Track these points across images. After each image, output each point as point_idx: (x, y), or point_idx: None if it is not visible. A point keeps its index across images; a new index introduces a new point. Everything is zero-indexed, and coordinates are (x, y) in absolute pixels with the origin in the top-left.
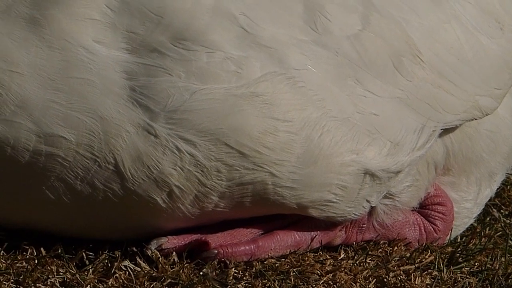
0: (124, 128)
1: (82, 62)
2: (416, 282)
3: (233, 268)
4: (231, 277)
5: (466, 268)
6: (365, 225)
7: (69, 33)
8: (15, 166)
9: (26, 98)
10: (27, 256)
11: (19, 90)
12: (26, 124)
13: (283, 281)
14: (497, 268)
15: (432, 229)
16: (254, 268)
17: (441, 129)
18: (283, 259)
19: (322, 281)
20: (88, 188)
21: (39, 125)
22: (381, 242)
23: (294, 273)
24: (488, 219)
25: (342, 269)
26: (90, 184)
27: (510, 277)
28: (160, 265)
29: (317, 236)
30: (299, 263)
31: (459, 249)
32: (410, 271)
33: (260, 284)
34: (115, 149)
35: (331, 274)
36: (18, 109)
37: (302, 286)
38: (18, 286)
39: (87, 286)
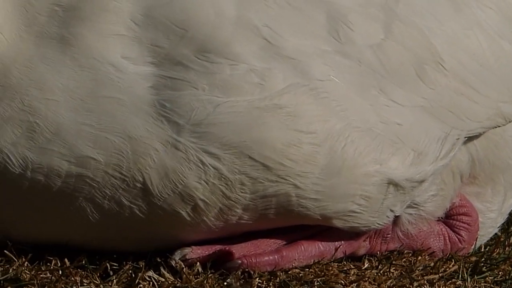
0: (153, 147)
1: (111, 80)
2: None
3: (257, 278)
4: (255, 287)
5: (490, 278)
6: (389, 235)
7: (97, 51)
8: (46, 191)
9: (61, 124)
10: (51, 267)
11: (55, 117)
12: (60, 150)
13: None
14: None
15: (457, 239)
16: (278, 278)
17: (465, 137)
18: (307, 269)
19: None
20: (115, 206)
21: (72, 150)
22: (405, 251)
23: (318, 283)
24: None
25: (366, 278)
26: (117, 202)
27: None
28: (184, 275)
29: (341, 246)
30: (323, 273)
31: (483, 259)
32: (434, 281)
33: None
34: (144, 168)
35: (355, 284)
36: (53, 136)
37: None
38: None
39: None
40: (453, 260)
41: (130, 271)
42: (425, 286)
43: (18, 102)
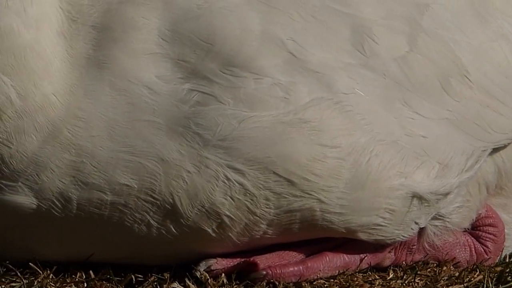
0: (185, 169)
1: (145, 103)
2: None
3: None
4: None
5: None
6: (415, 246)
7: (131, 73)
8: (78, 218)
9: (102, 157)
10: (76, 279)
11: (98, 151)
12: (99, 182)
13: None
14: None
15: (482, 250)
16: None
17: (491, 149)
18: (332, 280)
19: None
20: (144, 227)
21: (109, 180)
22: (430, 262)
23: None
24: None
25: None
26: (146, 224)
27: None
28: (209, 286)
29: (366, 258)
30: (348, 284)
31: (508, 269)
32: None
33: None
34: (175, 190)
35: None
36: (95, 170)
37: None
38: None
39: None
40: (478, 270)
41: (155, 283)
42: None
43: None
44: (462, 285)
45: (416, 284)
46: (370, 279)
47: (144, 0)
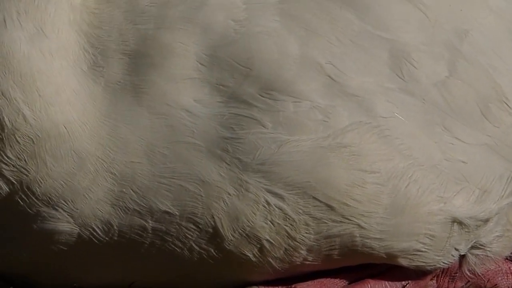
0: (226, 190)
1: (185, 126)
2: None
3: None
4: None
5: None
6: (456, 274)
7: (170, 97)
8: (119, 246)
9: (143, 184)
10: None
11: (141, 179)
12: (140, 209)
13: None
14: None
15: None
16: None
17: None
18: None
19: None
20: (186, 252)
21: (151, 206)
22: None
23: None
24: None
25: None
26: (188, 249)
27: None
28: None
29: (408, 285)
30: None
31: None
32: None
33: None
34: (217, 212)
35: None
36: (136, 197)
37: None
38: None
39: None
40: None
41: None
42: None
43: (99, 170)
44: None
45: None
46: None
47: (181, 25)
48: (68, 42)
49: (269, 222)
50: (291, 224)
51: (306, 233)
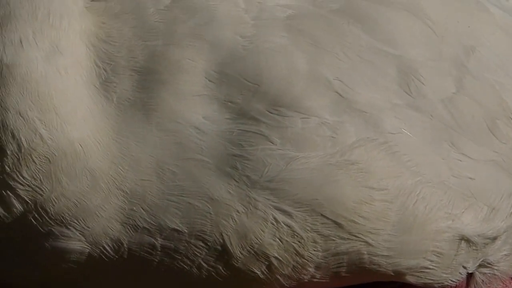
0: (234, 208)
1: (194, 143)
2: None
3: None
4: None
5: None
6: None
7: (179, 114)
8: (131, 265)
9: (155, 202)
10: None
11: (150, 197)
12: (149, 227)
13: None
14: None
15: None
16: None
17: None
18: None
19: None
20: (194, 270)
21: (160, 224)
22: None
23: None
24: None
25: None
26: (197, 267)
27: None
28: None
29: None
30: None
31: None
32: None
33: None
34: (225, 230)
35: None
36: (144, 213)
37: None
38: None
39: None
40: None
41: None
42: None
43: (111, 188)
44: None
45: None
46: None
47: (189, 41)
48: (81, 56)
49: (277, 240)
50: (299, 242)
51: (314, 250)
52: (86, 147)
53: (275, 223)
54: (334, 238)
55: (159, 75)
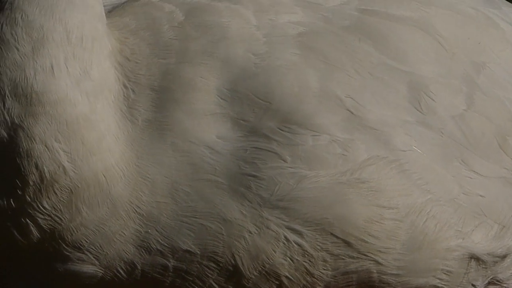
0: (247, 229)
1: (207, 163)
2: None
3: None
4: None
5: None
6: None
7: (193, 133)
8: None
9: (169, 224)
10: None
11: (165, 219)
12: (163, 249)
13: None
14: None
15: None
16: None
17: None
18: None
19: None
20: None
21: (173, 246)
22: None
23: None
24: None
25: None
26: (208, 287)
27: None
28: None
29: None
30: None
31: None
32: None
33: None
34: (237, 251)
35: None
36: (158, 235)
37: None
38: None
39: None
40: None
41: None
42: None
43: (130, 212)
44: None
45: None
46: None
47: (202, 59)
48: (110, 79)
49: (288, 259)
50: (309, 260)
51: (324, 269)
52: (109, 177)
53: (286, 243)
54: (344, 257)
55: (172, 94)
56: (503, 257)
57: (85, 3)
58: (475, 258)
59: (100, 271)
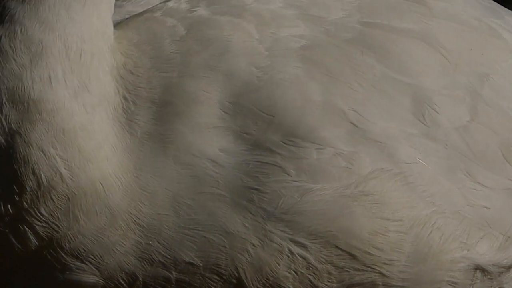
0: (250, 242)
1: (210, 176)
2: None
3: None
4: None
5: None
6: None
7: (195, 147)
8: None
9: (171, 236)
10: None
11: (166, 231)
12: (165, 260)
13: None
14: None
15: None
16: None
17: None
18: None
19: None
20: None
21: (175, 258)
22: None
23: None
24: None
25: None
26: None
27: None
28: None
29: None
30: None
31: None
32: None
33: None
34: (240, 264)
35: None
36: (160, 247)
37: None
38: None
39: None
40: None
41: None
42: None
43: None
44: None
45: None
46: None
47: (204, 73)
48: (109, 92)
49: (292, 272)
50: (314, 273)
51: (329, 282)
52: (107, 186)
53: (290, 256)
54: (348, 270)
55: (174, 107)
56: (509, 267)
57: (86, 21)
58: (480, 269)
59: (101, 281)
